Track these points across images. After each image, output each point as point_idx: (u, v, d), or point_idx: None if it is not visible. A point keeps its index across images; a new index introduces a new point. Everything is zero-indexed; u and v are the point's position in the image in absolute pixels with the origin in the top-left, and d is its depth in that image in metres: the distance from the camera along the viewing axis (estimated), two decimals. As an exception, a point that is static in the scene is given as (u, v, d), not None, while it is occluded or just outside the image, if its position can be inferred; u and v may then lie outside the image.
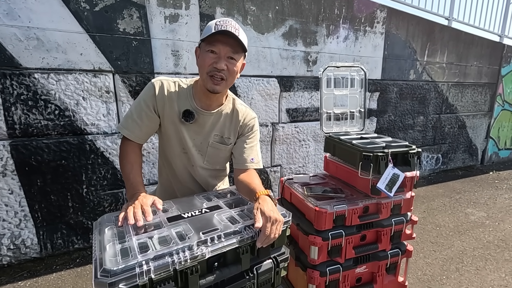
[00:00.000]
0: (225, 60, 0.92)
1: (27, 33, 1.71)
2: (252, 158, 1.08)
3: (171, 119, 1.01)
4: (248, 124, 1.09)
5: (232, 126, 1.07)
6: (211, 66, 0.91)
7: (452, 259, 2.12)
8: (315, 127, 2.95)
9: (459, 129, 4.29)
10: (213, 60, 0.91)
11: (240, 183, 1.02)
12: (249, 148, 1.08)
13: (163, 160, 1.13)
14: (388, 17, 3.14)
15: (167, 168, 1.12)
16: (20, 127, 1.79)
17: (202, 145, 1.06)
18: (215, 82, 0.94)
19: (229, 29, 0.88)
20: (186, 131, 1.02)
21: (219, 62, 0.91)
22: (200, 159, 1.08)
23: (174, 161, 1.08)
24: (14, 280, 1.81)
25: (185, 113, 1.00)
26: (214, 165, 1.12)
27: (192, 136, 1.04)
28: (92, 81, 1.93)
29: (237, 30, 0.90)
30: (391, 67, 3.33)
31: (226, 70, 0.93)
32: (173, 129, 1.02)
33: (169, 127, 1.02)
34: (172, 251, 0.65)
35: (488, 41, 4.18)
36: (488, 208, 3.02)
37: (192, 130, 1.03)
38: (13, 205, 1.85)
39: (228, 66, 0.93)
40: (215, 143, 1.07)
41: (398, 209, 1.27)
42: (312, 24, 2.68)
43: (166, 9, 2.06)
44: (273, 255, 0.83)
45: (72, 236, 2.07)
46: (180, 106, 1.00)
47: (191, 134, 1.03)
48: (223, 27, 0.88)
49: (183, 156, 1.07)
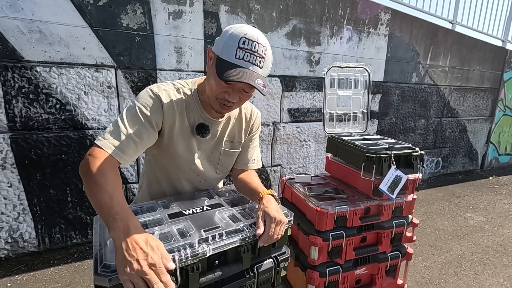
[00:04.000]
0: (238, 92, 0.80)
1: (30, 25, 1.70)
2: (254, 158, 1.06)
3: (182, 135, 0.88)
4: (255, 123, 1.03)
5: (242, 128, 1.00)
6: (222, 94, 0.79)
7: (451, 263, 2.11)
8: (316, 128, 2.95)
9: (460, 133, 4.29)
10: (225, 89, 0.78)
11: (240, 182, 0.99)
12: (252, 148, 1.05)
13: (158, 175, 0.98)
14: (392, 19, 3.13)
15: (164, 183, 0.98)
16: (21, 120, 1.78)
17: (213, 154, 0.98)
18: (224, 108, 0.83)
19: (250, 67, 0.73)
20: (197, 145, 0.92)
21: (232, 94, 0.79)
22: (212, 170, 1.00)
23: (178, 179, 0.96)
24: (11, 273, 1.80)
25: (199, 127, 0.89)
26: (225, 172, 1.06)
27: (204, 148, 0.95)
28: (94, 76, 1.92)
29: (263, 58, 0.75)
30: (393, 70, 3.33)
31: (239, 101, 0.82)
32: (184, 145, 0.90)
33: (178, 144, 0.88)
34: (173, 248, 0.64)
35: (491, 46, 4.18)
36: (487, 213, 3.01)
37: (204, 142, 0.93)
38: (12, 199, 1.84)
39: (240, 97, 0.81)
40: (227, 150, 0.99)
41: (400, 212, 1.26)
42: (316, 24, 2.67)
43: (170, 6, 2.05)
44: (273, 254, 0.83)
45: (70, 231, 2.06)
46: (190, 119, 0.88)
47: (203, 146, 0.94)
48: (248, 59, 0.73)
49: (191, 174, 0.96)
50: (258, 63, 0.75)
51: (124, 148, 0.75)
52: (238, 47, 0.73)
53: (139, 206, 0.88)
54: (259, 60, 0.75)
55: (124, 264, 0.53)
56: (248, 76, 0.73)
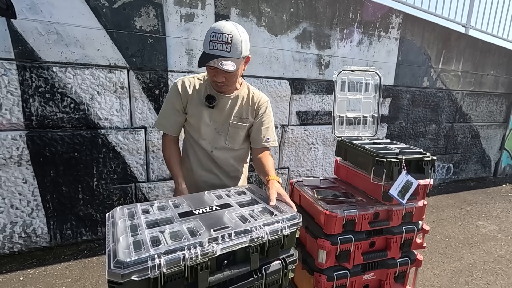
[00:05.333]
0: (222, 73, 1.02)
1: (48, 27, 1.76)
2: (268, 137, 1.22)
3: (196, 106, 1.15)
4: (263, 105, 1.21)
5: (249, 107, 1.20)
6: (212, 77, 1.05)
7: (461, 271, 2.06)
8: (325, 131, 2.93)
9: (472, 139, 4.19)
10: (212, 74, 1.04)
11: (257, 162, 1.19)
12: (264, 129, 1.21)
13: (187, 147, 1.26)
14: (404, 22, 3.10)
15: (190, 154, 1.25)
16: (37, 118, 1.84)
17: (223, 126, 1.18)
18: (218, 89, 1.11)
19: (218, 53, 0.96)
20: (208, 115, 1.15)
21: (217, 76, 1.03)
22: (222, 140, 1.20)
23: (195, 147, 1.22)
24: (23, 267, 1.85)
25: (207, 97, 1.13)
26: (234, 144, 1.22)
27: (214, 119, 1.16)
28: (107, 77, 1.97)
29: (229, 44, 0.97)
30: (404, 73, 3.29)
31: (225, 80, 1.05)
32: (195, 113, 1.15)
33: (191, 112, 1.16)
34: (184, 246, 0.65)
35: (506, 50, 4.08)
36: (501, 222, 2.93)
37: (214, 113, 1.16)
38: (26, 194, 1.90)
39: (226, 77, 1.04)
40: (235, 123, 1.19)
41: (410, 217, 1.24)
42: (326, 27, 2.67)
43: (182, 8, 2.08)
44: (282, 256, 0.83)
45: (81, 228, 2.10)
46: (202, 92, 1.15)
47: (214, 117, 1.16)
48: (217, 47, 0.96)
49: (202, 142, 1.19)
50: (225, 49, 0.97)
51: (165, 124, 1.19)
52: (210, 40, 0.98)
53: (150, 204, 0.90)
54: (225, 46, 0.97)
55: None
56: (214, 60, 0.96)
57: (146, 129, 2.15)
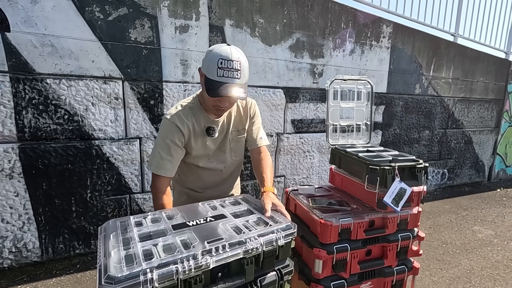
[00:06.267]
0: (227, 100, 1.02)
1: (42, 40, 1.77)
2: (260, 136, 1.25)
3: (198, 137, 1.12)
4: (252, 108, 1.24)
5: (242, 116, 1.21)
6: (215, 103, 1.02)
7: (460, 278, 2.05)
8: (320, 139, 2.95)
9: (466, 145, 4.25)
10: (216, 100, 1.01)
11: (256, 164, 1.22)
12: (256, 129, 1.25)
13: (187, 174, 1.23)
14: (394, 32, 3.18)
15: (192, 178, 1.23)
16: (30, 130, 1.83)
17: (225, 144, 1.19)
18: (219, 113, 1.09)
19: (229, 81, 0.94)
20: (211, 142, 1.16)
21: (222, 102, 1.02)
22: (228, 157, 1.22)
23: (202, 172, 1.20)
24: (13, 283, 1.80)
25: (208, 129, 1.12)
26: (240, 156, 1.27)
27: (216, 142, 1.17)
28: (102, 88, 1.97)
29: (238, 71, 0.96)
30: (396, 81, 3.35)
31: (229, 105, 1.05)
32: (201, 144, 1.14)
33: (196, 144, 1.13)
34: (177, 259, 0.64)
35: (494, 58, 4.20)
36: (496, 226, 2.94)
37: (215, 138, 1.16)
38: (17, 208, 1.86)
39: (230, 102, 1.05)
40: (235, 137, 1.21)
41: (405, 224, 1.24)
42: (319, 37, 2.73)
43: (177, 20, 2.11)
44: (277, 267, 0.82)
45: (74, 241, 2.06)
46: (201, 123, 1.12)
47: (215, 141, 1.17)
48: (227, 74, 0.94)
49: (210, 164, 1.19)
50: (235, 76, 0.96)
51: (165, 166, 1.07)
52: (218, 67, 0.94)
53: (143, 216, 0.89)
54: (236, 73, 0.96)
55: None
56: (229, 89, 0.94)
57: (141, 139, 2.15)
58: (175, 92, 2.20)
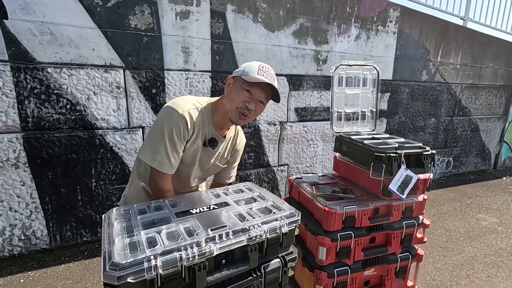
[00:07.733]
0: (256, 103, 1.03)
1: (41, 27, 1.74)
2: (232, 175, 1.30)
3: (193, 146, 1.07)
4: (241, 148, 1.26)
5: (232, 147, 1.22)
6: (243, 104, 1.01)
7: (463, 265, 2.06)
8: (324, 127, 2.92)
9: (472, 132, 4.18)
10: (246, 99, 1.01)
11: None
12: (232, 168, 1.28)
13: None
14: (401, 16, 3.07)
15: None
16: (33, 120, 1.83)
17: (207, 164, 1.16)
18: (241, 117, 1.03)
19: (270, 80, 1.00)
20: (203, 155, 1.11)
21: (252, 103, 1.01)
22: (199, 172, 1.18)
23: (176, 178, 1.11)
24: (24, 270, 1.85)
25: (211, 140, 1.09)
26: (207, 176, 1.27)
27: (204, 160, 1.13)
28: (103, 76, 1.95)
29: (274, 80, 1.03)
30: (402, 68, 3.27)
31: (254, 111, 1.04)
32: (192, 153, 1.08)
33: (189, 151, 1.07)
34: (181, 246, 0.64)
35: (504, 42, 4.06)
36: (501, 214, 2.93)
37: (207, 155, 1.12)
38: (24, 197, 1.89)
39: (256, 108, 1.04)
40: (218, 164, 1.19)
41: (410, 212, 1.24)
42: (323, 22, 2.65)
43: (177, 6, 2.06)
44: (281, 254, 0.82)
45: (81, 229, 2.10)
46: (204, 133, 1.08)
47: (204, 158, 1.12)
48: (266, 76, 1.00)
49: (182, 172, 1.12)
50: (272, 80, 1.02)
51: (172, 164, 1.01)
52: (259, 69, 1.00)
53: (147, 204, 0.89)
54: (272, 79, 1.03)
55: None
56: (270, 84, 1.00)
57: (143, 129, 2.14)
58: (177, 81, 2.17)
